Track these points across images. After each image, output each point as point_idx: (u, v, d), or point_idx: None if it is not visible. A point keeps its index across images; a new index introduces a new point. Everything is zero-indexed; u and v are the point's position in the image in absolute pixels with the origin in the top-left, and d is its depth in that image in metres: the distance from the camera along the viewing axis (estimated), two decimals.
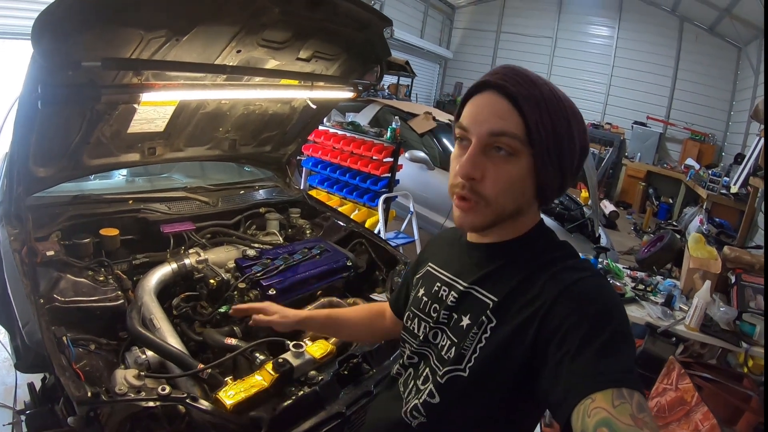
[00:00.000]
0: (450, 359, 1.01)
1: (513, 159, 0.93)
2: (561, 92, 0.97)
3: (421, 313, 1.15)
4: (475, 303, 1.01)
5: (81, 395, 1.33)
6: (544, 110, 0.91)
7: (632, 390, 0.75)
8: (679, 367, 3.04)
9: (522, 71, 0.96)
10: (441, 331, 1.08)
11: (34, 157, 2.05)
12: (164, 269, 2.21)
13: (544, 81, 0.96)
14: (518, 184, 0.94)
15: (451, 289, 1.09)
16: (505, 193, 0.95)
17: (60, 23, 1.49)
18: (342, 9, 2.17)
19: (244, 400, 1.55)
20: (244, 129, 2.95)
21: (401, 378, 1.19)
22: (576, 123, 0.96)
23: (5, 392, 2.94)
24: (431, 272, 1.19)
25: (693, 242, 3.92)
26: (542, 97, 0.92)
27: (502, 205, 0.96)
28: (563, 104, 0.95)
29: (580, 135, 0.97)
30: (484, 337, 0.96)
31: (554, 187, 0.97)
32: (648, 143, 12.28)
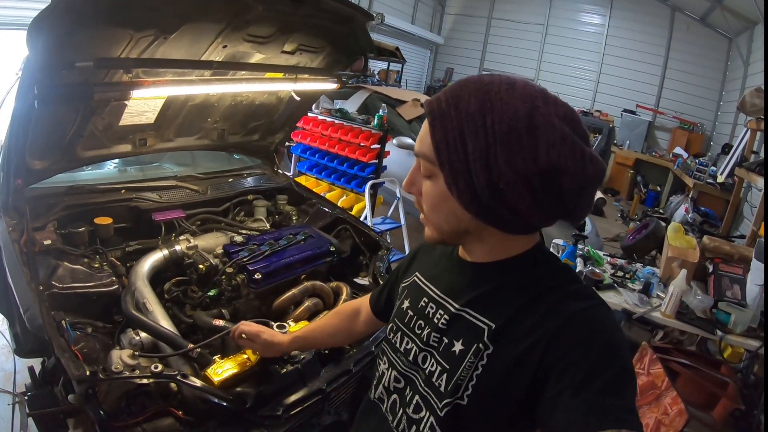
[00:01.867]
0: (444, 389, 0.96)
1: (432, 179, 0.93)
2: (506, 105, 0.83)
3: (406, 329, 1.10)
4: (468, 327, 0.96)
5: (80, 374, 1.41)
6: (454, 128, 0.85)
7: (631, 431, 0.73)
8: (651, 353, 3.14)
9: (458, 87, 0.89)
10: (430, 355, 1.02)
11: (31, 151, 2.12)
12: (156, 255, 2.28)
13: (480, 95, 0.85)
14: (441, 205, 0.93)
15: (441, 308, 1.03)
16: (434, 212, 0.95)
17: (54, 26, 1.56)
18: (324, 5, 2.23)
19: (231, 377, 1.64)
20: (232, 119, 3.02)
21: (385, 404, 1.12)
22: (527, 140, 0.81)
23: (4, 378, 3.02)
24: (419, 284, 1.14)
25: (672, 231, 3.97)
26: (458, 116, 0.85)
27: (437, 224, 0.97)
28: (492, 122, 0.83)
29: (537, 153, 0.81)
30: (480, 364, 0.92)
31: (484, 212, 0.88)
32: (637, 131, 12.31)
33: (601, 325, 0.85)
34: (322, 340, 1.61)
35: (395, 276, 1.34)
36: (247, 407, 1.60)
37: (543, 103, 0.84)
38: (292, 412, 1.68)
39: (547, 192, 0.84)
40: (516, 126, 0.81)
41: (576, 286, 0.93)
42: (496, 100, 0.84)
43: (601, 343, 0.82)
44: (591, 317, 0.86)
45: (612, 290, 3.57)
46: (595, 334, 0.84)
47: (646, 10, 12.49)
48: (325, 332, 1.55)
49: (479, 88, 0.86)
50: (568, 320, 0.85)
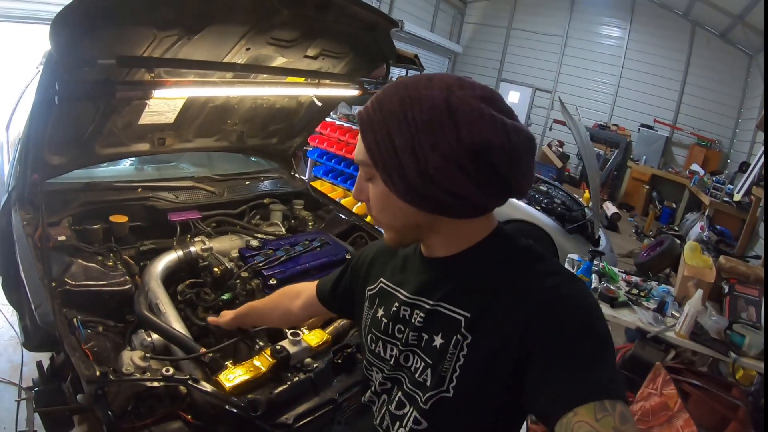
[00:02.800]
0: (429, 383, 0.99)
1: (372, 181, 0.98)
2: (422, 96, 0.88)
3: (384, 336, 1.11)
4: (445, 321, 0.98)
5: (90, 374, 1.40)
6: (381, 128, 0.90)
7: (615, 401, 0.76)
8: (664, 373, 3.09)
9: (381, 94, 0.94)
10: (412, 353, 1.04)
11: (49, 146, 2.14)
12: (170, 256, 2.28)
13: (400, 95, 0.90)
14: (385, 203, 0.97)
15: (416, 309, 1.05)
16: (380, 213, 1.00)
17: (77, 22, 1.55)
18: (349, 11, 2.22)
19: (242, 383, 1.63)
20: (252, 122, 3.02)
21: (376, 405, 1.16)
22: (448, 124, 0.85)
23: (11, 369, 3.03)
24: (387, 290, 1.16)
25: (689, 250, 3.93)
26: (381, 116, 0.91)
27: (387, 224, 1.01)
28: (412, 113, 0.87)
29: (459, 134, 0.85)
30: (461, 354, 0.94)
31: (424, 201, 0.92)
32: (654, 147, 12.20)
33: (573, 299, 0.88)
34: (261, 315, 1.69)
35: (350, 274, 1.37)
36: (258, 415, 1.57)
37: (459, 87, 0.88)
38: (303, 421, 1.65)
39: (479, 169, 0.87)
40: (435, 113, 0.86)
41: (543, 264, 0.96)
42: (414, 94, 0.89)
43: (575, 317, 0.86)
44: (563, 293, 0.89)
45: (627, 308, 3.51)
46: (569, 309, 0.87)
47: (667, 25, 12.38)
48: (265, 308, 1.65)
49: (400, 88, 0.91)
50: (541, 299, 0.88)
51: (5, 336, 3.33)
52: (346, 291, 1.38)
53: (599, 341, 0.84)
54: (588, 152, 6.03)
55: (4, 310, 3.50)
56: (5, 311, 3.50)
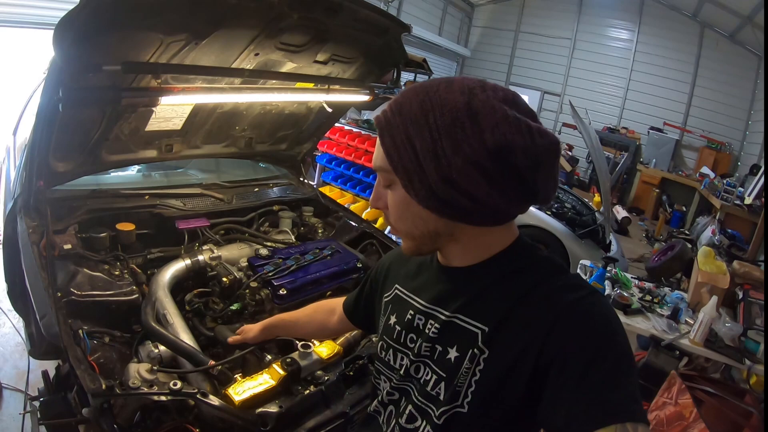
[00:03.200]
0: (443, 397, 0.96)
1: (392, 188, 0.95)
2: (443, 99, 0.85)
3: (396, 344, 1.09)
4: (461, 333, 0.95)
5: (96, 387, 1.38)
6: (399, 131, 0.88)
7: (636, 423, 0.73)
8: (679, 382, 3.04)
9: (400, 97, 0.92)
10: (423, 365, 1.02)
11: (54, 152, 2.12)
12: (178, 264, 2.25)
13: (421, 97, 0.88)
14: (405, 211, 0.94)
15: (430, 318, 1.02)
16: (400, 221, 0.97)
17: (81, 27, 1.53)
18: (361, 15, 2.19)
19: (252, 396, 1.59)
20: (261, 127, 2.99)
21: (382, 416, 1.12)
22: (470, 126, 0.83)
23: (17, 376, 3.03)
24: (402, 297, 1.13)
25: (702, 256, 3.89)
26: (401, 121, 0.88)
27: (407, 232, 0.98)
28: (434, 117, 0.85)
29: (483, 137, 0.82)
30: (478, 369, 0.91)
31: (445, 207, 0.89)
32: (664, 150, 12.15)
33: (596, 314, 0.85)
34: (296, 328, 1.67)
35: (370, 286, 1.36)
36: (268, 429, 1.54)
37: (481, 90, 0.86)
38: None
39: (502, 173, 0.84)
40: (457, 116, 0.83)
41: (564, 277, 0.93)
42: (435, 97, 0.86)
43: (598, 333, 0.82)
44: (585, 308, 0.85)
45: (640, 315, 3.48)
46: (592, 325, 0.83)
47: (675, 27, 12.34)
48: (300, 320, 1.63)
49: (419, 91, 0.89)
50: (563, 313, 0.84)
51: (11, 342, 3.33)
52: (367, 302, 1.36)
53: (622, 359, 0.80)
54: (598, 156, 6.00)
55: (10, 317, 3.49)
56: (11, 317, 3.49)
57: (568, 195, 6.87)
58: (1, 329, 3.44)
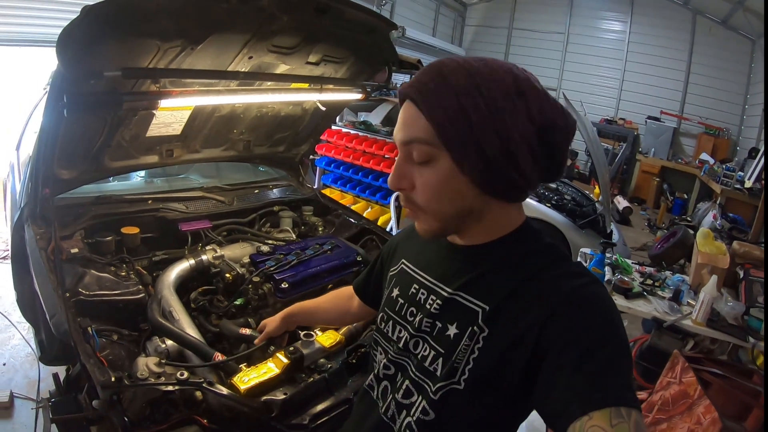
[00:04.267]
0: (440, 372, 0.96)
1: (431, 164, 0.90)
2: (493, 72, 0.87)
3: (397, 317, 1.10)
4: (462, 311, 0.96)
5: (105, 380, 1.42)
6: (452, 104, 0.85)
7: (630, 408, 0.74)
8: (683, 361, 3.06)
9: (436, 66, 0.90)
10: (422, 340, 1.02)
11: (59, 161, 2.17)
12: (182, 265, 2.30)
13: (465, 68, 0.87)
14: (446, 187, 0.90)
15: (432, 294, 1.03)
16: (436, 199, 0.92)
17: (82, 36, 1.58)
18: (348, 15, 2.22)
19: (257, 385, 1.63)
20: (258, 130, 3.04)
21: (375, 391, 1.13)
22: (519, 101, 0.86)
23: (28, 386, 3.07)
24: (407, 271, 1.14)
25: (701, 237, 3.91)
26: (451, 90, 0.86)
27: (439, 211, 0.94)
28: (486, 88, 0.85)
29: (531, 113, 0.86)
30: (476, 347, 0.92)
31: (495, 180, 0.89)
32: (662, 138, 12.12)
33: (597, 302, 0.86)
34: (316, 317, 1.70)
35: (380, 264, 1.37)
36: (273, 416, 1.59)
37: (518, 71, 0.89)
38: (319, 421, 1.66)
39: (543, 149, 0.89)
40: (508, 92, 0.85)
41: (568, 263, 0.94)
42: (479, 73, 0.87)
43: (599, 320, 0.83)
44: (587, 294, 0.87)
45: (641, 298, 3.51)
46: (593, 311, 0.84)
47: (667, 15, 12.32)
48: (322, 309, 1.64)
49: (457, 66, 0.88)
50: (565, 298, 0.86)
51: (22, 353, 3.38)
52: (377, 280, 1.37)
53: (619, 348, 0.81)
54: (596, 147, 6.02)
55: (20, 328, 3.55)
56: (21, 329, 3.54)
57: (568, 187, 6.89)
58: (11, 341, 3.48)
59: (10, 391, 2.96)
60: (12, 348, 3.42)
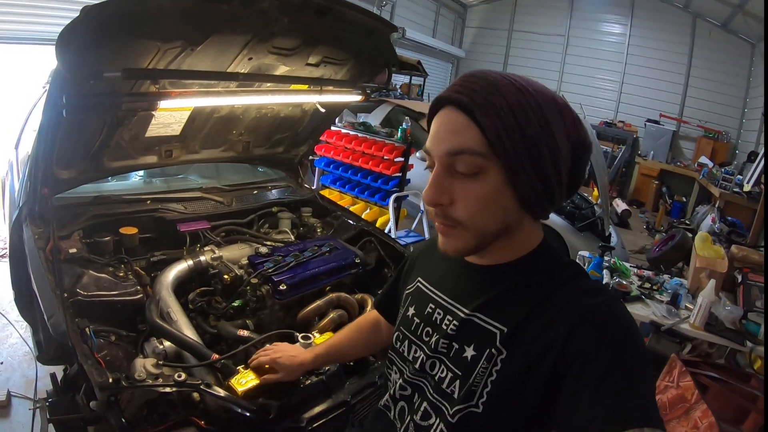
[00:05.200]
0: (457, 395, 0.94)
1: (480, 176, 0.86)
2: (535, 88, 0.86)
3: (412, 336, 1.08)
4: (479, 332, 0.94)
5: (103, 381, 1.41)
6: (508, 115, 0.82)
7: (654, 429, 0.72)
8: (680, 365, 3.07)
9: (482, 76, 0.87)
10: (439, 361, 1.00)
11: (58, 160, 2.16)
12: (181, 266, 2.29)
13: (510, 81, 0.85)
14: (493, 201, 0.87)
15: (449, 314, 1.01)
16: (481, 214, 0.88)
17: (82, 37, 1.58)
18: (348, 17, 2.23)
19: (254, 387, 1.61)
20: (257, 131, 3.03)
21: (392, 412, 1.11)
22: (559, 118, 0.86)
23: (26, 385, 3.08)
24: (423, 290, 1.12)
25: (699, 241, 3.92)
26: (504, 102, 0.83)
27: (481, 228, 0.89)
28: (535, 103, 0.84)
29: (568, 130, 0.86)
30: (494, 370, 0.90)
31: (540, 195, 0.87)
32: (661, 141, 12.16)
33: (616, 320, 0.85)
34: (344, 354, 1.62)
35: (398, 279, 1.33)
36: (271, 418, 1.58)
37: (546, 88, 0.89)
38: (316, 424, 1.66)
39: (574, 166, 0.90)
40: (551, 107, 0.85)
41: (586, 281, 0.93)
42: (525, 87, 0.86)
43: (618, 338, 0.82)
44: (606, 312, 0.85)
45: (639, 302, 3.51)
46: (612, 329, 0.83)
47: (667, 18, 12.38)
48: (348, 345, 1.54)
49: (503, 78, 0.87)
50: (584, 316, 0.84)
51: (20, 352, 3.38)
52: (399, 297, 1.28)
53: (640, 365, 0.80)
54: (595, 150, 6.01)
55: (18, 327, 3.55)
56: (19, 328, 3.54)
57: None
58: (9, 339, 3.48)
59: (7, 390, 2.96)
60: (10, 347, 3.42)
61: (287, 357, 1.55)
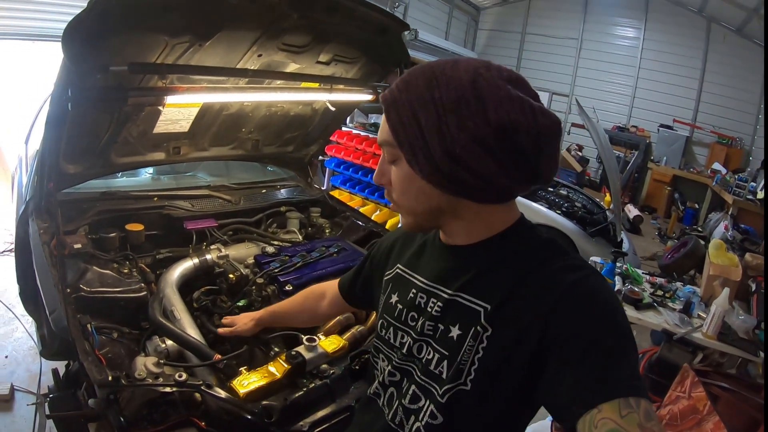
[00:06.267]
0: (446, 375, 0.96)
1: (397, 163, 0.97)
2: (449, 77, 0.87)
3: (397, 323, 1.10)
4: (463, 311, 0.96)
5: (102, 378, 1.40)
6: (406, 108, 0.89)
7: (639, 398, 0.75)
8: (692, 375, 3.02)
9: (407, 73, 0.95)
10: (426, 344, 1.02)
11: (65, 155, 2.15)
12: (186, 264, 2.28)
13: (428, 74, 0.89)
14: (409, 185, 0.96)
15: (432, 297, 1.03)
16: (404, 195, 0.98)
17: (89, 30, 1.56)
18: (359, 14, 2.20)
19: (257, 389, 1.61)
20: (267, 130, 3.01)
21: (381, 398, 1.13)
22: (473, 104, 0.85)
23: (30, 379, 3.09)
24: (403, 276, 1.15)
25: (714, 248, 3.87)
26: (406, 96, 0.90)
27: (409, 207, 0.99)
28: (439, 93, 0.87)
29: (487, 115, 0.84)
30: (481, 347, 0.92)
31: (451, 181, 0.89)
32: (674, 147, 12.02)
33: (598, 293, 0.87)
34: (287, 318, 1.72)
35: (370, 264, 1.38)
36: (272, 421, 1.55)
37: (485, 69, 0.88)
38: (319, 428, 1.62)
39: (505, 150, 0.86)
40: (462, 93, 0.85)
41: (566, 257, 0.95)
42: (441, 75, 0.88)
43: (600, 312, 0.84)
44: (587, 287, 0.87)
45: (652, 309, 3.46)
46: (594, 303, 0.85)
47: (682, 22, 12.21)
48: (292, 311, 1.67)
49: (425, 70, 0.91)
50: (565, 292, 0.86)
51: (24, 346, 3.39)
52: (366, 282, 1.38)
53: (623, 337, 0.82)
54: (608, 155, 5.98)
55: (24, 321, 3.55)
56: (24, 322, 3.55)
57: (579, 194, 6.85)
58: (14, 333, 3.50)
59: (11, 384, 2.97)
60: (15, 341, 3.43)
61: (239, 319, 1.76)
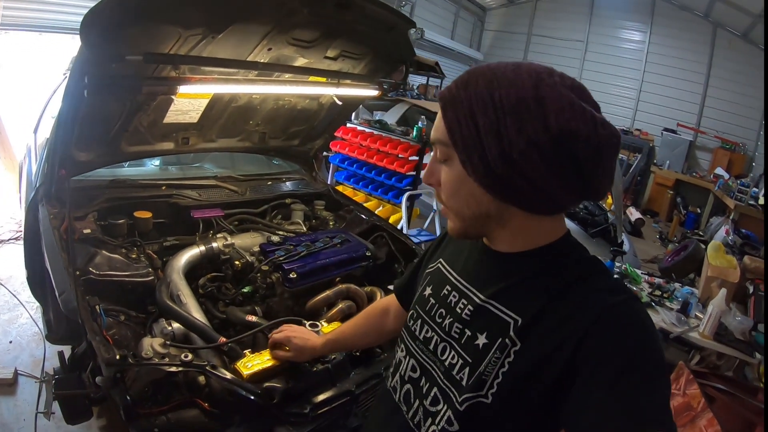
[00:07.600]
0: (467, 384, 0.93)
1: (449, 163, 0.93)
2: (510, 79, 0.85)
3: (426, 316, 1.08)
4: (493, 320, 0.93)
5: (110, 357, 1.44)
6: (464, 107, 0.87)
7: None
8: (687, 373, 3.05)
9: (467, 72, 0.92)
10: (450, 347, 1.00)
11: (77, 142, 2.20)
12: (193, 251, 2.31)
13: (488, 75, 0.87)
14: (459, 187, 0.92)
15: (464, 298, 1.01)
16: (453, 197, 0.95)
17: (107, 20, 1.60)
18: (368, 11, 2.24)
19: (260, 371, 1.63)
20: (274, 123, 3.05)
21: (397, 394, 1.11)
22: (534, 109, 0.82)
23: (33, 364, 3.13)
24: (442, 271, 1.12)
25: (712, 250, 3.90)
26: (465, 95, 0.87)
27: (458, 210, 0.96)
28: (498, 95, 0.84)
29: (547, 121, 0.81)
30: (507, 361, 0.89)
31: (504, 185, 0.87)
32: (677, 151, 12.05)
33: (634, 319, 0.83)
34: (354, 342, 1.62)
35: (419, 263, 1.32)
36: (274, 403, 1.59)
37: (548, 75, 0.85)
38: (320, 411, 1.67)
39: (562, 159, 0.82)
40: (523, 97, 0.82)
41: (607, 279, 0.92)
42: (502, 77, 0.85)
43: (634, 340, 0.80)
44: (624, 312, 0.83)
45: (649, 309, 3.48)
46: (629, 330, 0.81)
47: (687, 27, 12.23)
48: (357, 333, 1.55)
49: (486, 71, 0.88)
50: (601, 315, 0.82)
51: (29, 332, 3.43)
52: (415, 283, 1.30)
53: (656, 369, 0.79)
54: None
55: (29, 307, 3.61)
56: (29, 308, 3.60)
57: None
58: (19, 319, 3.54)
59: (14, 368, 3.01)
60: (19, 327, 3.47)
61: (300, 338, 1.59)
